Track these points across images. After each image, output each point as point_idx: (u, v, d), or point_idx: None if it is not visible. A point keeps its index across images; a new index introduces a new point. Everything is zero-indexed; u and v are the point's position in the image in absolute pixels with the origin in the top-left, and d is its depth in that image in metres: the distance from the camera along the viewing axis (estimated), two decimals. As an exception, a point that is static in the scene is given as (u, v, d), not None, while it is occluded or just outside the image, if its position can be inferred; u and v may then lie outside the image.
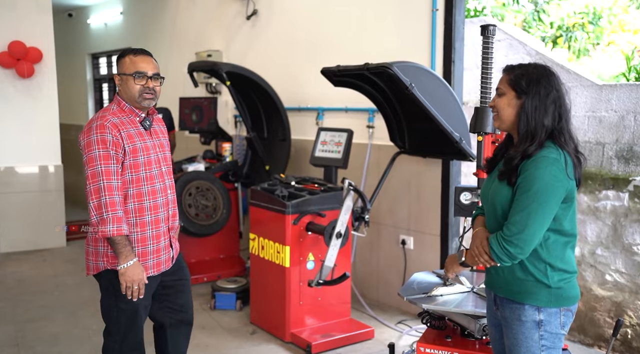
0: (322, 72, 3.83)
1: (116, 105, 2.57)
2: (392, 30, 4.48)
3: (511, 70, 2.09)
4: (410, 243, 4.45)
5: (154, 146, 2.60)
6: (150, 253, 2.56)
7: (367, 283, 4.82)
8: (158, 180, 2.59)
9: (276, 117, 5.08)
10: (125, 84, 2.52)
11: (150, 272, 2.56)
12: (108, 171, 2.41)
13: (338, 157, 4.22)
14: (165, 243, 2.63)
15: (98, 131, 2.43)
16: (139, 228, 2.52)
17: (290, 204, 3.80)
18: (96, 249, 2.53)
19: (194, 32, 6.80)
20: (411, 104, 3.60)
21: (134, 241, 2.50)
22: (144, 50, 2.60)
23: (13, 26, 6.25)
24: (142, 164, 2.52)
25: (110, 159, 2.42)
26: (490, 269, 2.16)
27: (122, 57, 2.57)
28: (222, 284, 4.62)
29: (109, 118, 2.47)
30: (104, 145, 2.41)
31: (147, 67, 2.53)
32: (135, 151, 2.50)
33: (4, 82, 6.30)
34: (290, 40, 5.44)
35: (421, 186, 4.35)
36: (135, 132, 2.53)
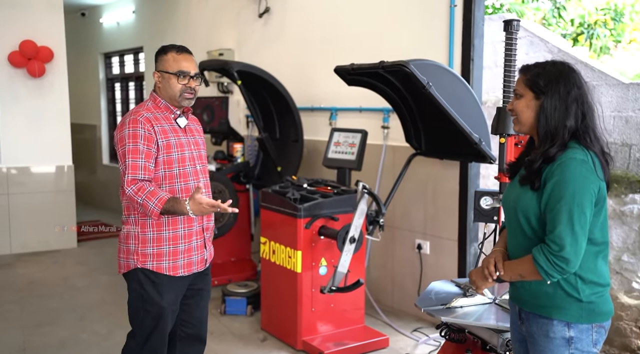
0: (336, 70, 3.70)
1: (151, 101, 2.54)
2: (408, 27, 4.33)
3: (527, 70, 1.96)
4: (426, 248, 4.30)
5: (188, 143, 2.55)
6: (182, 252, 2.50)
7: (382, 288, 4.67)
8: (192, 178, 2.54)
9: (288, 117, 4.95)
10: (166, 82, 2.48)
11: (180, 272, 2.50)
12: (135, 165, 2.38)
13: (352, 158, 4.08)
14: (198, 243, 2.57)
15: (130, 125, 2.41)
16: (170, 226, 2.47)
17: (302, 207, 3.67)
18: (127, 246, 2.50)
19: (206, 30, 6.70)
20: (428, 103, 3.45)
21: (165, 239, 2.46)
22: (186, 48, 2.55)
23: (24, 25, 6.20)
24: (176, 161, 2.48)
25: (138, 153, 2.39)
26: (514, 282, 2.01)
27: (163, 54, 2.51)
28: (232, 289, 4.51)
29: (142, 113, 2.45)
30: (134, 139, 2.39)
31: (190, 66, 2.49)
32: (169, 147, 2.46)
33: (15, 81, 6.25)
34: (303, 38, 5.32)
35: (438, 188, 4.20)
36: (170, 128, 2.50)
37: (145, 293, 2.47)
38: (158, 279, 2.47)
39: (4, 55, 6.14)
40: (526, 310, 1.97)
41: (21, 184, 6.34)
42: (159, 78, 2.51)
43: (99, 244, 6.73)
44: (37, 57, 6.18)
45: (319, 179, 4.17)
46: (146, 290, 2.46)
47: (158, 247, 2.47)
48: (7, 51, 6.14)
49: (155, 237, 2.47)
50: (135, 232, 2.49)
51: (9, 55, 6.13)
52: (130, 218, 2.52)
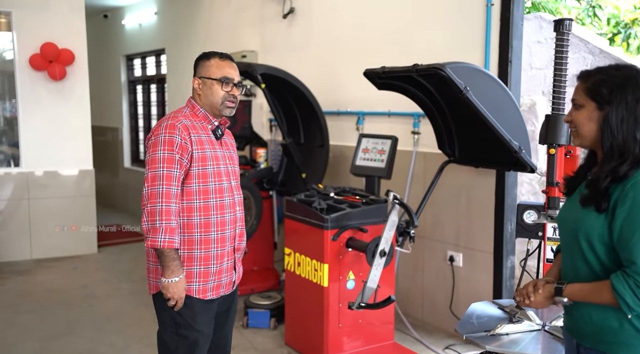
0: (365, 74, 3.50)
1: (189, 109, 2.39)
2: (440, 28, 4.11)
3: (587, 77, 1.73)
4: (459, 260, 4.08)
5: (224, 157, 2.40)
6: (213, 274, 2.33)
7: (411, 301, 4.46)
8: (228, 194, 2.38)
9: (314, 122, 4.77)
10: (208, 89, 2.34)
11: (209, 295, 2.33)
12: (170, 176, 2.21)
13: (381, 166, 3.88)
14: (229, 265, 2.40)
15: (167, 130, 2.25)
16: (202, 245, 2.30)
17: (329, 218, 3.48)
18: (156, 265, 2.33)
19: (229, 32, 6.55)
20: (463, 108, 3.24)
21: (196, 259, 2.29)
22: (229, 55, 2.43)
23: (46, 28, 6.12)
24: (212, 175, 2.32)
25: (174, 163, 2.22)
26: (572, 310, 1.80)
27: (206, 59, 2.38)
28: (255, 300, 4.34)
29: (181, 119, 2.30)
30: (170, 147, 2.22)
31: (234, 73, 2.37)
32: (205, 159, 2.30)
33: (36, 84, 6.17)
34: (329, 39, 5.13)
35: (472, 198, 3.97)
36: (207, 139, 2.35)
37: (178, 317, 2.29)
38: (190, 302, 2.30)
39: (26, 58, 6.07)
40: (586, 346, 1.75)
41: (41, 188, 6.26)
42: (200, 85, 2.37)
43: (119, 250, 6.64)
44: (58, 59, 6.10)
45: (347, 188, 3.98)
46: (179, 313, 2.29)
47: (188, 268, 2.30)
48: (28, 54, 6.06)
49: (186, 256, 2.29)
50: None
51: (30, 58, 6.06)
52: None
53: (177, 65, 7.68)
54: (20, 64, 6.10)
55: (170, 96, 8.01)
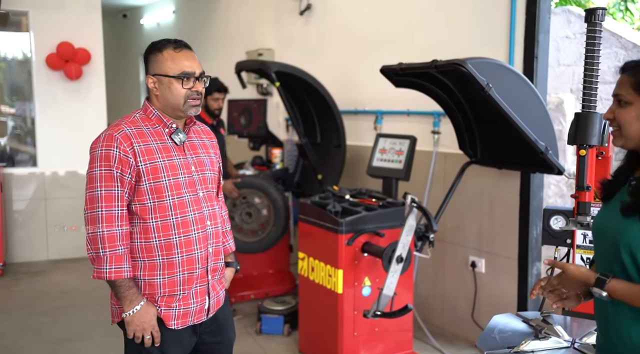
0: (382, 71, 3.34)
1: (142, 111, 2.07)
2: (462, 23, 3.93)
3: (636, 69, 1.54)
4: (481, 266, 3.89)
5: (185, 165, 2.04)
6: (176, 300, 2.04)
7: (430, 307, 4.29)
8: (192, 208, 2.04)
9: (330, 121, 4.62)
10: (166, 88, 1.99)
11: (172, 323, 2.03)
12: (110, 196, 1.92)
13: (399, 167, 3.72)
14: (198, 289, 2.07)
15: (104, 143, 1.94)
16: (166, 270, 2.01)
17: (344, 221, 3.33)
18: None
19: (246, 29, 6.44)
20: (486, 106, 3.07)
21: (159, 285, 2.01)
22: (184, 42, 2.06)
23: (62, 27, 6.08)
24: (167, 188, 1.99)
25: (112, 181, 1.92)
26: (607, 328, 1.61)
27: (157, 52, 2.01)
28: (269, 306, 4.21)
29: (122, 128, 1.97)
30: (107, 162, 1.92)
31: (193, 65, 2.01)
32: (156, 171, 1.97)
33: (53, 84, 6.14)
34: (346, 36, 4.97)
35: (495, 201, 3.78)
36: (158, 146, 2.00)
37: (142, 349, 2.03)
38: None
39: (42, 57, 6.04)
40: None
41: (58, 188, 6.23)
42: (155, 83, 2.02)
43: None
44: (74, 59, 6.05)
45: (363, 190, 3.82)
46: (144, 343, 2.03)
47: (150, 294, 2.02)
48: (45, 53, 6.03)
49: (147, 283, 2.02)
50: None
51: (47, 58, 6.02)
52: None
53: (195, 64, 7.59)
54: (37, 63, 6.07)
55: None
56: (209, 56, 7.33)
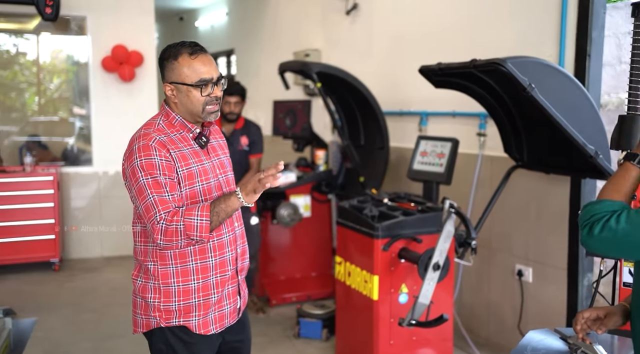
0: (421, 71, 3.23)
1: (164, 117, 2.01)
2: (509, 20, 3.75)
3: None
4: (528, 275, 3.70)
5: (213, 168, 2.04)
6: (212, 304, 2.02)
7: (475, 316, 4.12)
8: None
9: (374, 123, 4.52)
10: (185, 96, 1.94)
11: (211, 328, 2.03)
12: (163, 200, 1.88)
13: (440, 171, 3.58)
14: (230, 290, 2.08)
15: (142, 153, 1.89)
16: (200, 275, 1.99)
17: (380, 226, 3.24)
18: (145, 300, 2.01)
19: (293, 30, 6.43)
20: (532, 108, 2.90)
21: (194, 290, 1.98)
22: (199, 46, 1.98)
23: (117, 30, 6.26)
24: (201, 193, 1.98)
25: (161, 187, 1.88)
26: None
27: (173, 60, 1.94)
28: (308, 309, 4.16)
29: (153, 136, 1.92)
30: (150, 170, 1.88)
31: (210, 70, 1.94)
32: (192, 176, 1.95)
33: (108, 85, 6.33)
34: (392, 35, 4.86)
35: (543, 207, 3.58)
36: (190, 152, 1.98)
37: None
38: (190, 338, 2.01)
39: (98, 60, 6.24)
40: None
41: (113, 187, 6.41)
42: (173, 91, 1.97)
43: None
44: (128, 61, 6.22)
45: (402, 194, 3.71)
46: (176, 352, 2.01)
47: (185, 302, 1.99)
48: (101, 56, 6.23)
49: (182, 289, 1.98)
50: (157, 285, 1.99)
51: (103, 60, 6.22)
52: (149, 266, 2.00)
53: (245, 65, 7.66)
54: (94, 66, 6.28)
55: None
56: (259, 57, 7.37)
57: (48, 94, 7.41)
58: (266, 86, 6.97)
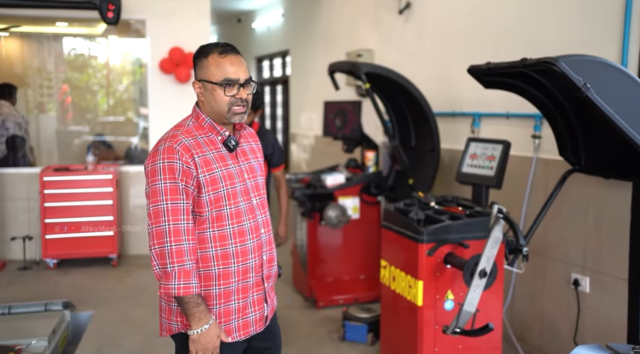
0: (470, 71, 3.11)
1: (194, 119, 2.02)
2: (568, 17, 3.57)
3: None
4: (585, 285, 3.51)
5: (240, 173, 2.03)
6: (235, 312, 2.01)
7: (527, 325, 3.95)
8: (247, 217, 2.02)
9: (425, 124, 4.42)
10: (210, 95, 1.96)
11: (234, 336, 2.01)
12: (176, 209, 1.88)
13: (490, 174, 3.45)
14: (256, 298, 2.06)
15: (165, 155, 1.90)
16: (222, 280, 1.97)
17: (426, 230, 3.15)
18: (169, 305, 2.02)
19: (347, 30, 6.39)
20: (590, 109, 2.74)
21: (215, 297, 1.98)
22: (232, 46, 2.00)
23: (174, 33, 6.41)
24: (225, 198, 1.96)
25: (178, 193, 1.88)
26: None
27: (203, 57, 1.98)
28: (353, 313, 4.11)
29: (180, 139, 1.92)
30: (171, 174, 1.88)
31: (238, 71, 1.94)
32: (215, 182, 1.94)
33: (165, 87, 6.49)
34: (444, 35, 4.74)
35: (602, 214, 3.39)
36: (215, 156, 1.97)
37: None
38: None
39: (156, 62, 6.41)
40: None
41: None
42: (201, 89, 2.00)
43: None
44: (184, 63, 6.35)
45: (449, 197, 3.60)
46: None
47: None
48: (159, 58, 6.40)
49: (202, 293, 1.96)
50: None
51: (161, 62, 6.38)
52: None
53: (300, 65, 7.68)
54: (152, 68, 6.46)
55: (292, 97, 8.05)
56: (313, 58, 7.38)
57: (117, 96, 7.71)
58: (319, 87, 6.97)
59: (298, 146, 7.85)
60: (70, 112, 7.69)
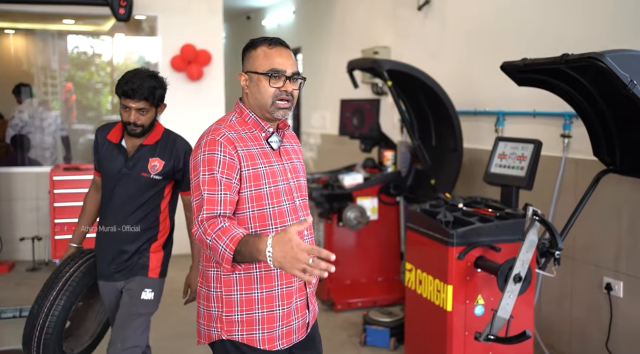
0: (503, 67, 3.00)
1: (237, 115, 1.96)
2: (597, 11, 3.45)
3: None
4: (618, 289, 3.39)
5: (284, 171, 1.94)
6: (279, 319, 1.90)
7: (556, 331, 3.83)
8: (290, 217, 1.92)
9: (447, 123, 4.30)
10: (255, 86, 1.89)
11: (277, 344, 1.91)
12: (212, 200, 1.77)
13: (520, 175, 3.33)
14: (299, 304, 1.96)
15: (207, 148, 1.83)
16: (263, 284, 1.87)
17: (456, 233, 3.03)
18: (208, 310, 1.92)
19: (362, 27, 6.28)
20: (629, 107, 2.63)
21: (257, 301, 1.87)
22: (281, 40, 1.94)
23: (186, 30, 6.32)
24: (267, 196, 1.87)
25: (216, 185, 1.79)
26: None
27: (252, 49, 1.92)
28: (375, 316, 4.00)
29: (223, 132, 1.86)
30: (210, 166, 1.80)
31: (285, 63, 1.88)
32: (258, 178, 1.86)
33: (176, 85, 6.33)
34: (466, 32, 4.62)
35: (637, 216, 3.27)
36: (259, 152, 1.89)
37: None
38: (253, 353, 1.90)
39: (167, 59, 6.31)
40: None
41: (178, 185, 6.47)
42: (247, 81, 1.93)
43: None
44: (196, 60, 6.25)
45: (478, 198, 3.48)
46: None
47: (248, 313, 1.88)
48: (170, 55, 6.30)
49: (244, 298, 1.87)
50: (218, 293, 1.89)
51: (172, 60, 6.28)
52: (211, 272, 1.91)
53: (312, 63, 7.57)
54: (164, 65, 6.35)
55: (304, 95, 7.93)
56: (326, 55, 7.26)
57: (121, 94, 7.60)
58: (332, 85, 6.86)
59: (309, 145, 7.74)
60: (75, 110, 7.58)
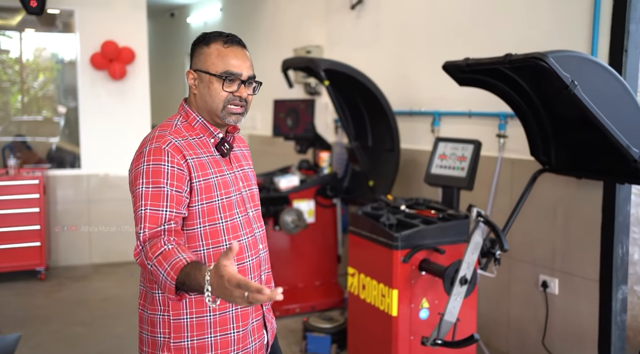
0: (445, 67, 2.96)
1: (182, 118, 1.75)
2: (533, 12, 3.50)
3: None
4: (554, 287, 3.45)
5: (235, 180, 1.76)
6: (234, 343, 1.72)
7: (494, 331, 3.87)
8: (244, 231, 1.74)
9: (383, 123, 4.26)
10: (205, 88, 1.69)
11: None
12: (155, 217, 1.56)
13: (461, 175, 3.32)
14: (256, 324, 1.79)
15: (151, 157, 1.62)
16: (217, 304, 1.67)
17: (400, 236, 2.97)
18: (153, 337, 1.70)
19: (293, 26, 6.15)
20: (566, 107, 2.67)
21: (209, 325, 1.68)
22: (237, 38, 1.74)
23: (107, 26, 5.95)
24: (219, 209, 1.68)
25: (161, 200, 1.58)
26: None
27: (204, 45, 1.71)
28: (315, 323, 3.89)
29: (169, 139, 1.65)
30: (155, 178, 1.59)
31: (242, 65, 1.69)
32: (209, 189, 1.67)
33: (97, 84, 6.01)
34: (401, 31, 4.60)
35: (572, 214, 3.34)
36: (209, 160, 1.70)
37: None
38: None
39: (87, 57, 5.92)
40: None
41: (101, 190, 6.10)
42: (195, 80, 1.72)
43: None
44: (118, 58, 5.90)
45: (420, 200, 3.45)
46: None
47: (199, 338, 1.68)
48: (89, 53, 5.91)
49: (195, 322, 1.67)
50: (165, 317, 1.67)
51: (92, 57, 5.89)
52: (157, 294, 1.68)
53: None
54: (82, 63, 5.96)
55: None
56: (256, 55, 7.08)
57: (32, 93, 7.07)
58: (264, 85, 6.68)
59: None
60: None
